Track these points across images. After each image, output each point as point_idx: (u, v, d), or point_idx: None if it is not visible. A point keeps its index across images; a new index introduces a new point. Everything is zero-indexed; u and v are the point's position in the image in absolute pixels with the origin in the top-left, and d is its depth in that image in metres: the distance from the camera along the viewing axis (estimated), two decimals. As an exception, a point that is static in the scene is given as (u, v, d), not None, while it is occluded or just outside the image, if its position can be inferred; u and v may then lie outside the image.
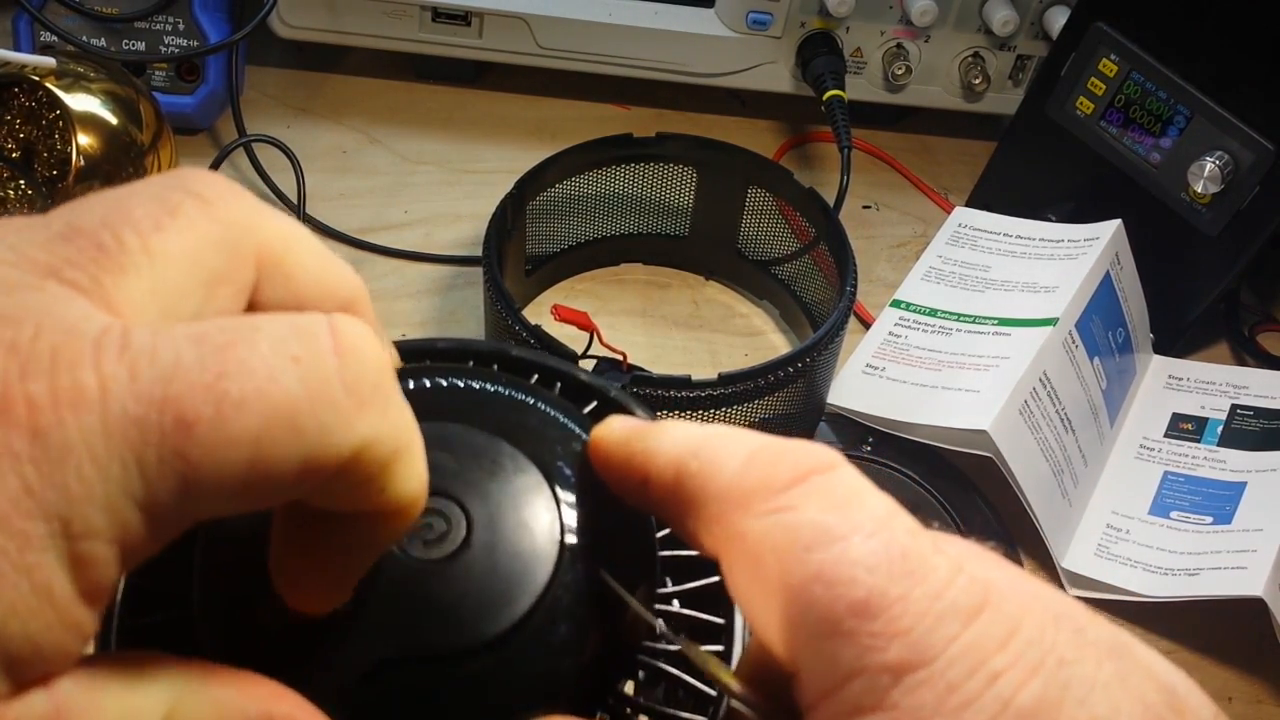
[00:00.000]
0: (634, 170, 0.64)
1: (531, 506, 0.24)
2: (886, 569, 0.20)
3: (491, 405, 0.26)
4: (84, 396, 0.17)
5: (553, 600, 0.23)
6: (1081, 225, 0.64)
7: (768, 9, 0.70)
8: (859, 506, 0.21)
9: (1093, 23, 0.65)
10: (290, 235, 0.23)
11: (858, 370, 0.61)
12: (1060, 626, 0.20)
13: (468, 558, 0.23)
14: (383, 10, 0.70)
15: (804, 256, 0.63)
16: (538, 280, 0.66)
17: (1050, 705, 0.19)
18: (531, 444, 0.25)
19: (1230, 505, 0.57)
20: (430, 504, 0.23)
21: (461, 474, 0.24)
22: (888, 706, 0.19)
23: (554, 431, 0.26)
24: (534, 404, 0.26)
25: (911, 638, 0.19)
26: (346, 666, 0.22)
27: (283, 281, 0.22)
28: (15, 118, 0.57)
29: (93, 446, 0.17)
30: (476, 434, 0.25)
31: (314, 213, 0.68)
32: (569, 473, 0.25)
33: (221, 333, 0.19)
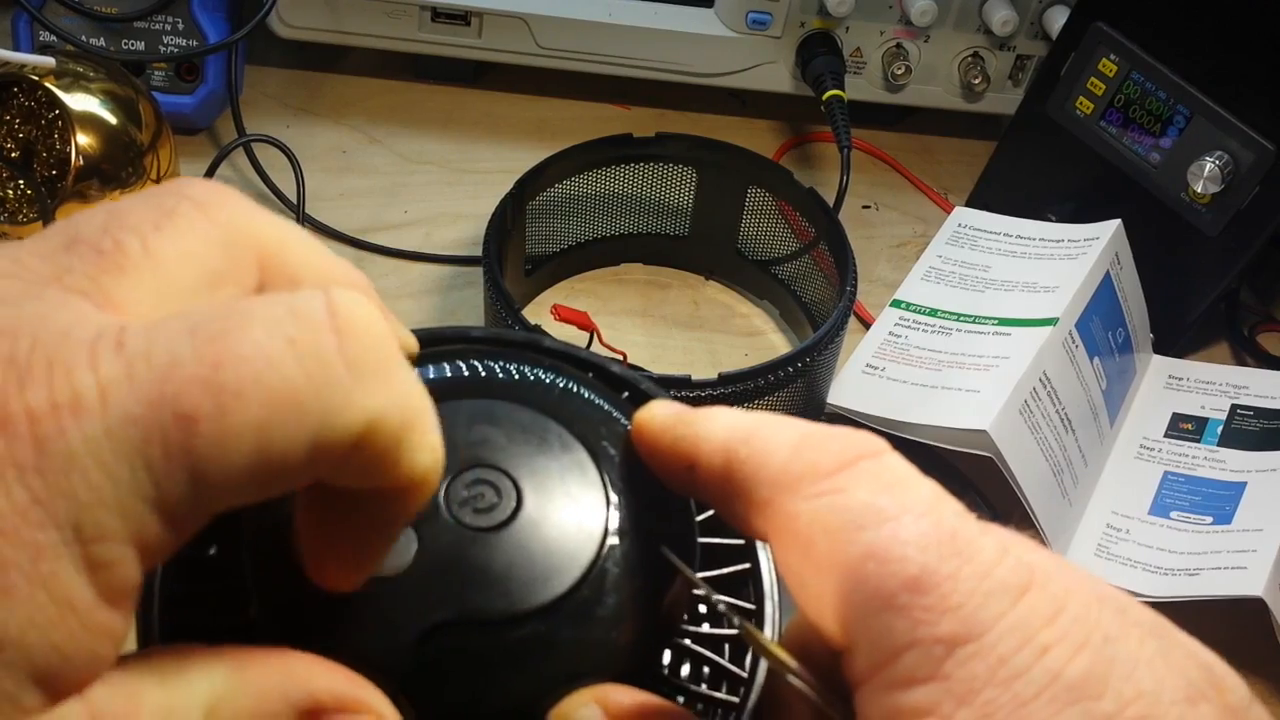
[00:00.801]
0: (634, 170, 0.64)
1: (579, 481, 0.25)
2: (936, 548, 0.21)
3: (534, 388, 0.26)
4: (83, 402, 0.17)
5: (600, 572, 0.24)
6: (1081, 225, 0.64)
7: (767, 9, 0.70)
8: (908, 489, 0.22)
9: (1092, 23, 0.65)
10: (289, 234, 0.23)
11: (858, 370, 0.61)
12: (1104, 606, 0.21)
13: (517, 527, 0.24)
14: (382, 10, 0.70)
15: (804, 256, 0.63)
16: (537, 280, 0.65)
17: (1098, 679, 0.20)
18: (577, 423, 0.25)
19: (1230, 505, 0.57)
20: (481, 475, 0.24)
21: (509, 448, 0.25)
22: (941, 677, 0.20)
23: (596, 414, 0.26)
24: (575, 389, 0.27)
25: (963, 612, 0.20)
26: (400, 629, 0.22)
27: (286, 281, 0.22)
28: (14, 117, 0.57)
29: (97, 451, 0.17)
30: (523, 410, 0.25)
31: (314, 213, 0.68)
32: (613, 452, 0.25)
33: (215, 321, 0.18)
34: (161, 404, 0.18)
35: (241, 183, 0.70)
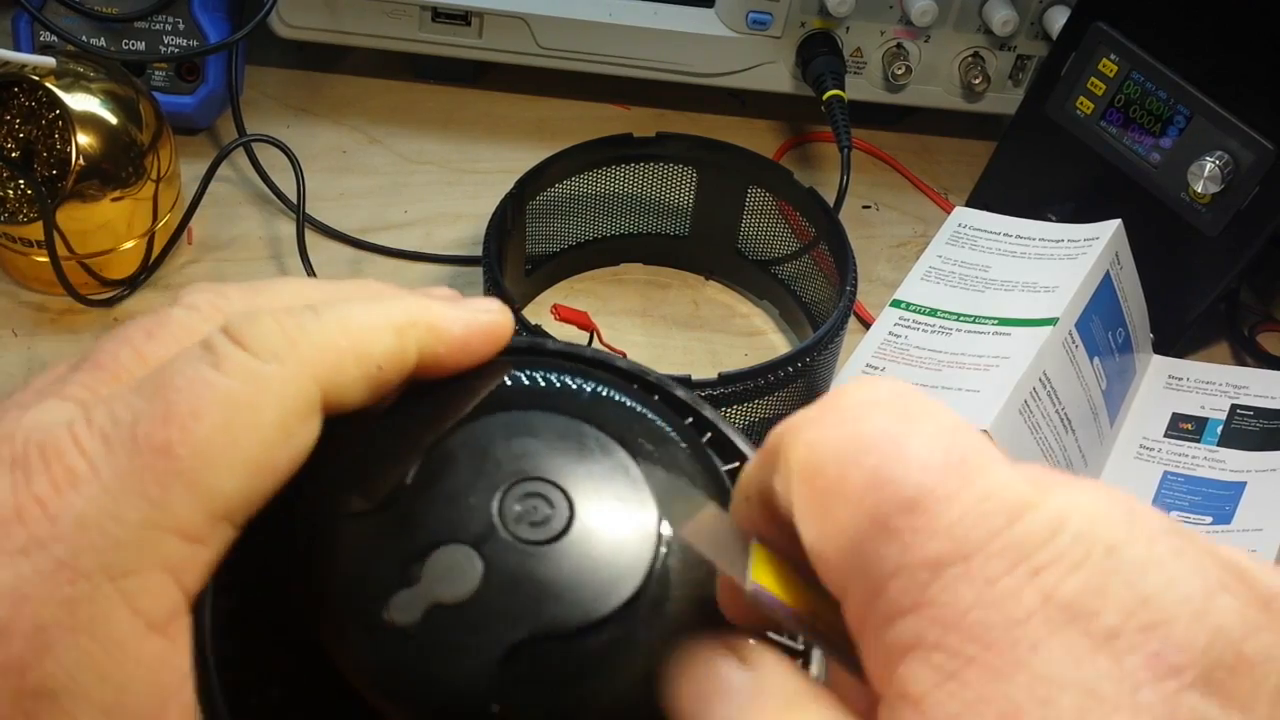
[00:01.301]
0: (634, 170, 0.64)
1: (624, 482, 0.25)
2: (942, 469, 0.19)
3: (561, 394, 0.26)
4: (78, 475, 0.21)
5: (663, 568, 0.24)
6: (1081, 225, 0.64)
7: (767, 9, 0.70)
8: (928, 417, 0.20)
9: (1093, 23, 0.65)
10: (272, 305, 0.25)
11: (858, 370, 0.61)
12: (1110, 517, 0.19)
13: (575, 535, 0.24)
14: (382, 10, 0.70)
15: (804, 256, 0.63)
16: (537, 280, 0.65)
17: (1094, 593, 0.18)
18: (610, 425, 0.26)
19: (1230, 505, 0.57)
20: (529, 488, 0.24)
21: (552, 457, 0.25)
22: (926, 604, 0.18)
23: (626, 414, 0.26)
24: (602, 391, 0.27)
25: (954, 532, 0.18)
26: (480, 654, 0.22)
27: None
28: (15, 117, 0.57)
29: (102, 506, 0.21)
30: (556, 418, 0.25)
31: (314, 212, 0.68)
32: (650, 448, 0.25)
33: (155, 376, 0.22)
34: (139, 450, 0.21)
35: (242, 182, 0.70)
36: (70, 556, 0.20)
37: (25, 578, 0.20)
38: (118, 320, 0.62)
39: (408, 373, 0.25)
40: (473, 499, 0.24)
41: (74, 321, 0.62)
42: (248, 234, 0.67)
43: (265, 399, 0.22)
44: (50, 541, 0.20)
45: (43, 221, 0.57)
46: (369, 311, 0.24)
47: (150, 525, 0.21)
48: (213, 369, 0.22)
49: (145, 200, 0.61)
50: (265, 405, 0.22)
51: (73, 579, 0.20)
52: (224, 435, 0.21)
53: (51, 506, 0.21)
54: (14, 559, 0.20)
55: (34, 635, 0.20)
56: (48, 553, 0.20)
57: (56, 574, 0.20)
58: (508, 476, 0.24)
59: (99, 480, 0.21)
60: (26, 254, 0.60)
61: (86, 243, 0.60)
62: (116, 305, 0.62)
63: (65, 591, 0.20)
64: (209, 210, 0.67)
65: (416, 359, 0.25)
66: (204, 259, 0.66)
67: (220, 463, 0.21)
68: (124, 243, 0.61)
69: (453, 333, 0.25)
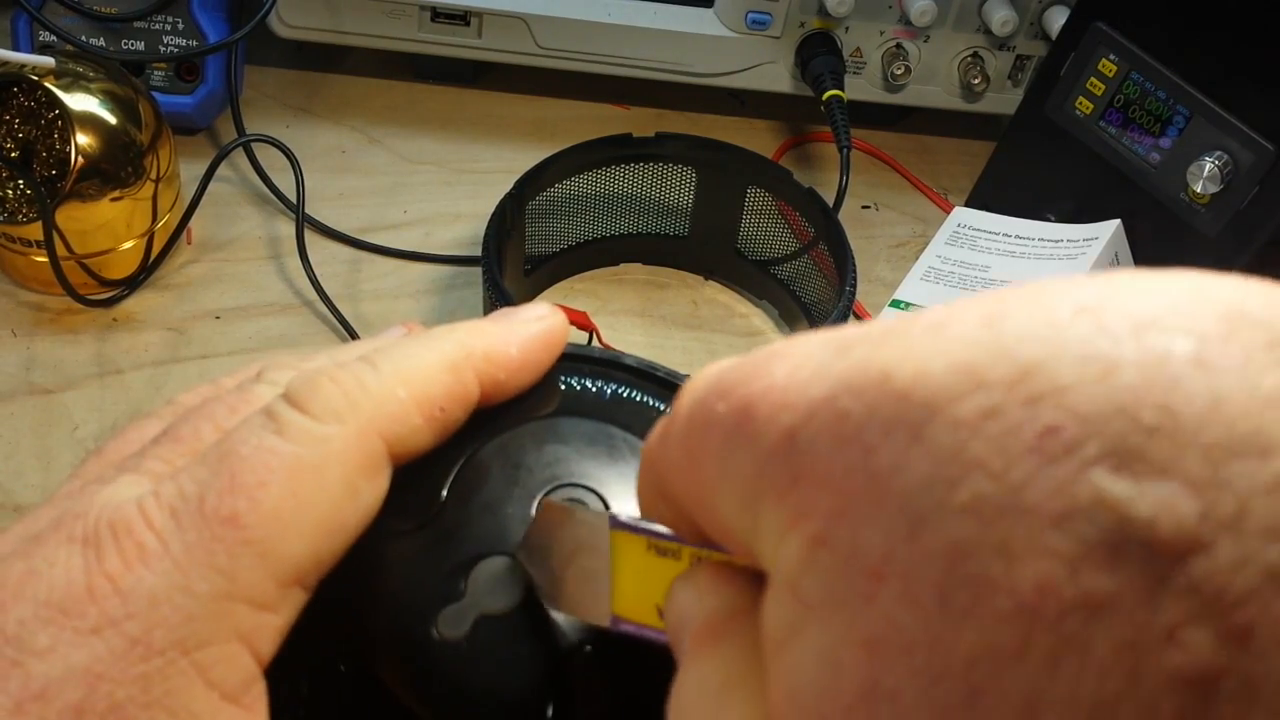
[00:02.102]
0: (633, 170, 0.64)
1: None
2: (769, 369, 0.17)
3: (582, 397, 0.27)
4: (148, 551, 0.21)
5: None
6: (1081, 225, 0.64)
7: (767, 9, 0.70)
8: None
9: (1092, 23, 0.65)
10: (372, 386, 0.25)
11: (857, 370, 0.61)
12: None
13: None
14: (382, 10, 0.70)
15: (803, 256, 0.63)
16: (537, 280, 0.65)
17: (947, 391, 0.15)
18: (636, 426, 0.26)
19: (1229, 505, 0.57)
20: (565, 494, 0.24)
21: (583, 462, 0.25)
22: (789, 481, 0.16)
23: (651, 413, 0.27)
24: (624, 392, 0.27)
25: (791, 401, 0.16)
26: (532, 661, 0.23)
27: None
28: (14, 117, 0.57)
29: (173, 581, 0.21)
30: (583, 423, 0.26)
31: (313, 212, 0.68)
32: None
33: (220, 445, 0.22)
34: (207, 522, 0.21)
35: (241, 182, 0.70)
36: (143, 633, 0.20)
37: (99, 657, 0.20)
38: (117, 320, 0.62)
39: (472, 405, 0.25)
40: (510, 508, 0.24)
41: (73, 321, 0.62)
42: (247, 234, 0.67)
43: (330, 462, 0.22)
44: (123, 619, 0.21)
45: (42, 221, 0.57)
46: (423, 355, 0.24)
47: (221, 597, 0.21)
48: (276, 435, 0.22)
49: (144, 200, 0.61)
50: (330, 468, 0.22)
51: (146, 655, 0.20)
52: (291, 502, 0.22)
53: (122, 583, 0.21)
54: (87, 638, 0.20)
55: (110, 714, 0.20)
56: (120, 630, 0.20)
57: (130, 651, 0.20)
58: (542, 484, 0.24)
59: (169, 555, 0.21)
60: (26, 254, 0.60)
61: (86, 243, 0.60)
62: (115, 305, 0.62)
63: (139, 669, 0.20)
64: (208, 210, 0.67)
65: (479, 390, 0.25)
66: (203, 259, 0.66)
67: (289, 529, 0.22)
68: (123, 243, 0.61)
69: (509, 355, 0.25)
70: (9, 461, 0.55)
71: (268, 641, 0.22)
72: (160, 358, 0.61)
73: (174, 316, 0.63)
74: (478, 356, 0.25)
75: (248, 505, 0.21)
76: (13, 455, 0.56)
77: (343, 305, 0.63)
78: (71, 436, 0.57)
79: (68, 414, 0.58)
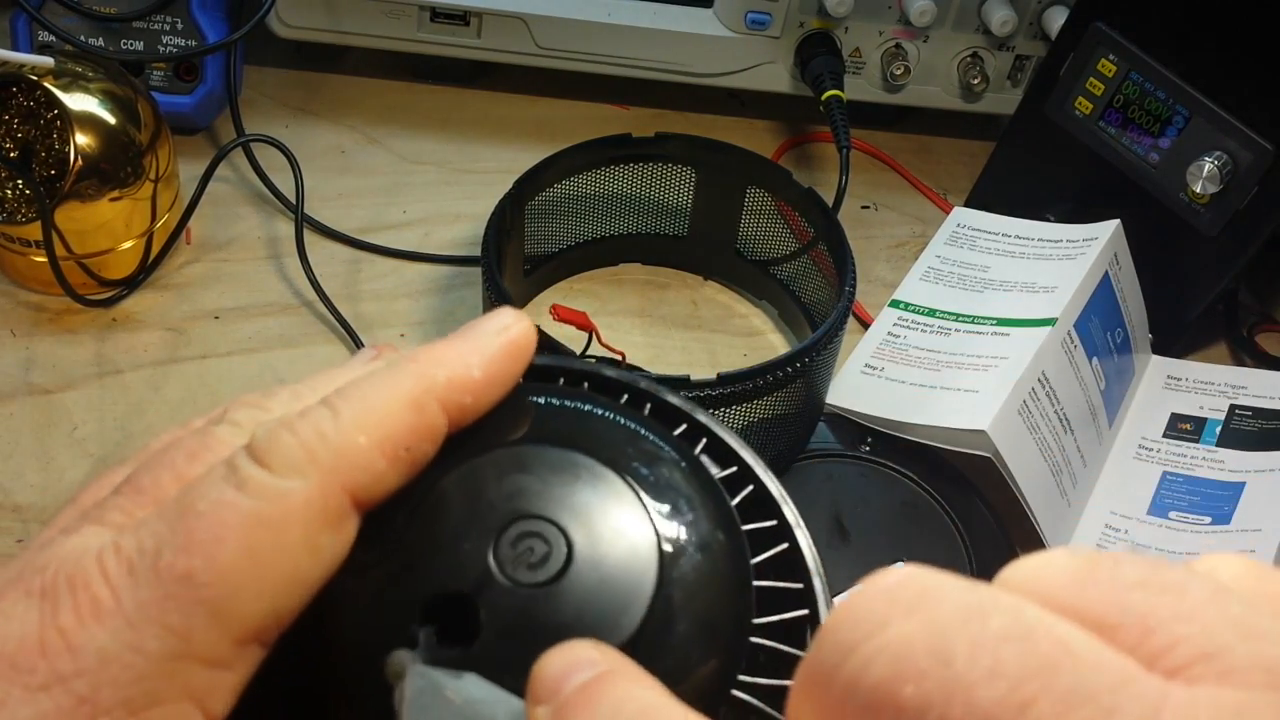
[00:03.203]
0: (633, 170, 0.64)
1: (621, 510, 0.24)
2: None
3: (553, 420, 0.26)
4: (102, 607, 0.21)
5: (666, 596, 0.23)
6: (1080, 225, 0.64)
7: (766, 9, 0.70)
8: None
9: (1091, 23, 0.65)
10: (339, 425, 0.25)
11: (856, 370, 0.61)
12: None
13: (575, 572, 0.23)
14: (381, 10, 0.70)
15: (803, 256, 0.63)
16: (536, 280, 0.65)
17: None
18: (603, 450, 0.25)
19: (1229, 505, 0.57)
20: (524, 528, 0.23)
21: (545, 492, 0.24)
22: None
23: (618, 433, 0.26)
24: (592, 410, 0.26)
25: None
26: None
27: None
28: (13, 117, 0.57)
29: (124, 639, 0.20)
30: (547, 449, 0.25)
31: (312, 212, 0.68)
32: (645, 471, 0.25)
33: (180, 499, 0.22)
34: (161, 580, 0.21)
35: (240, 182, 0.70)
36: (90, 691, 0.20)
37: (45, 714, 0.20)
38: (116, 320, 0.62)
39: (441, 437, 0.24)
40: (468, 545, 0.23)
41: (72, 321, 0.62)
42: (246, 234, 0.67)
43: (289, 518, 0.22)
44: (71, 676, 0.20)
45: (41, 221, 0.57)
46: (384, 394, 0.23)
47: (173, 656, 0.21)
48: (235, 490, 0.22)
49: (144, 200, 0.61)
50: (290, 524, 0.22)
51: (93, 714, 0.20)
52: (248, 560, 0.21)
53: (74, 639, 0.20)
54: (35, 695, 0.20)
55: None
56: (68, 688, 0.20)
57: (77, 710, 0.20)
58: (502, 518, 0.24)
59: (122, 612, 0.21)
60: (25, 254, 0.60)
61: (85, 243, 0.60)
62: (115, 305, 0.62)
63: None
64: (207, 210, 0.67)
65: (445, 421, 0.24)
66: (202, 259, 0.66)
67: (246, 588, 0.21)
68: (122, 243, 0.61)
69: (472, 378, 0.25)
70: (8, 462, 0.55)
71: (221, 700, 0.22)
72: (159, 358, 0.61)
73: (173, 317, 0.63)
74: (440, 387, 0.24)
75: (203, 563, 0.21)
76: (12, 455, 0.56)
77: (342, 305, 0.63)
78: (71, 437, 0.57)
79: (67, 414, 0.58)
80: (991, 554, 0.55)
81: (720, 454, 0.28)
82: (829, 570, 0.58)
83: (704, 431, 0.28)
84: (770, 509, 0.27)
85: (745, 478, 0.28)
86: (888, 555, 0.55)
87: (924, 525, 0.56)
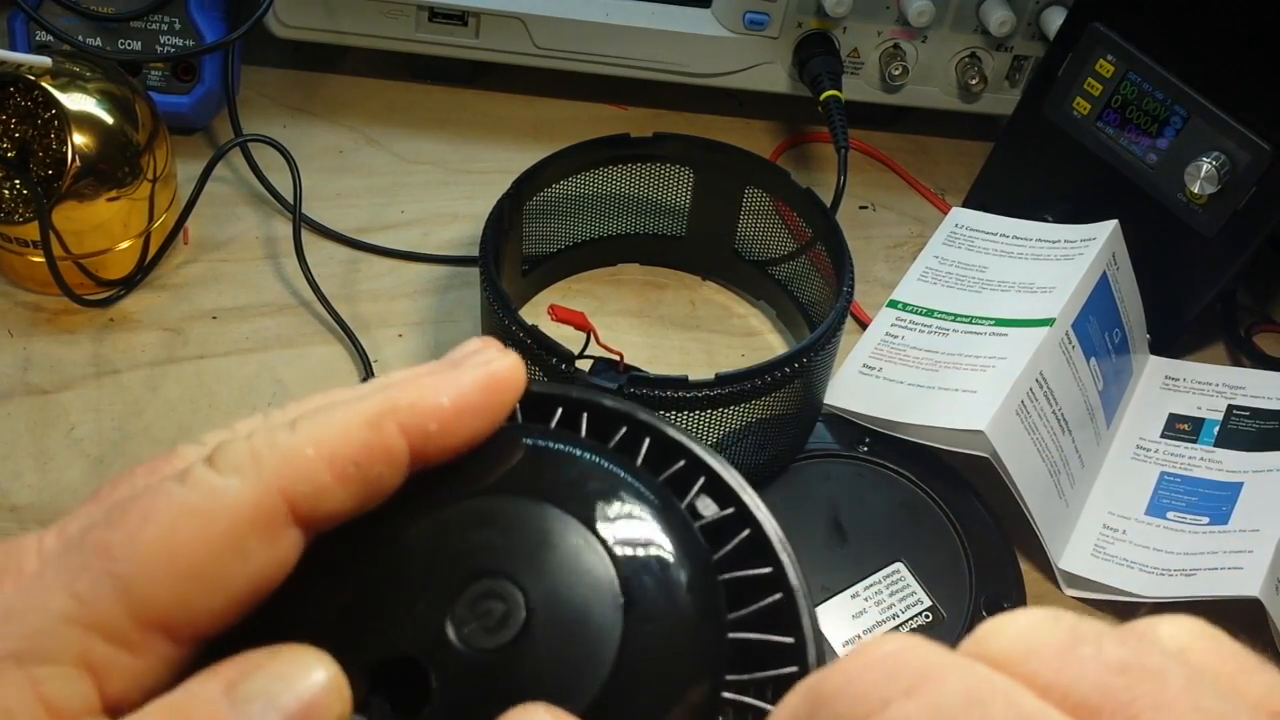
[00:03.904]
0: (631, 170, 0.64)
1: (584, 561, 0.23)
2: None
3: (538, 463, 0.25)
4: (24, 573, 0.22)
5: (631, 653, 0.22)
6: (1078, 226, 0.64)
7: (764, 9, 0.70)
8: None
9: (1090, 23, 0.65)
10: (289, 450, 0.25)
11: (855, 371, 0.61)
12: None
13: (534, 635, 0.22)
14: (379, 10, 0.70)
15: (801, 257, 0.63)
16: (534, 280, 0.65)
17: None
18: (563, 489, 0.24)
19: (1227, 506, 0.57)
20: (482, 588, 0.23)
21: (504, 547, 0.23)
22: None
23: (580, 470, 0.25)
24: (584, 456, 0.25)
25: None
26: None
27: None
28: (11, 117, 0.57)
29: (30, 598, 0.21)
30: (519, 502, 0.24)
31: (310, 212, 0.68)
32: (621, 527, 0.24)
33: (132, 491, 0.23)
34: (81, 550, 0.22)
35: (238, 182, 0.70)
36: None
37: None
38: (114, 321, 0.62)
39: (400, 462, 0.23)
40: (423, 605, 0.23)
41: (70, 322, 0.62)
42: (244, 234, 0.67)
43: (217, 512, 0.22)
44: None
45: (39, 221, 0.57)
46: (342, 411, 0.23)
47: (71, 620, 0.21)
48: (177, 484, 0.22)
49: (141, 200, 0.61)
50: (216, 518, 0.22)
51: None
52: (166, 544, 0.21)
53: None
54: None
55: None
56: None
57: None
58: (461, 577, 0.23)
59: (39, 576, 0.22)
60: (22, 254, 0.60)
61: (82, 243, 0.60)
62: (112, 305, 0.62)
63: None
64: (205, 210, 0.67)
65: (406, 444, 0.23)
66: (200, 259, 0.66)
67: (158, 571, 0.21)
68: (120, 243, 0.61)
69: (440, 404, 0.24)
70: (6, 462, 0.55)
71: (119, 681, 0.22)
72: (157, 358, 0.61)
73: (171, 317, 0.63)
74: (402, 408, 0.23)
75: (122, 539, 0.21)
76: (10, 455, 0.56)
77: (340, 305, 0.63)
78: (68, 437, 0.57)
79: (64, 414, 0.58)
80: (990, 554, 0.55)
81: (720, 491, 0.27)
82: (828, 570, 0.58)
83: (704, 467, 0.27)
84: (768, 554, 0.26)
85: (743, 519, 0.26)
86: (886, 555, 0.55)
87: (922, 525, 0.56)
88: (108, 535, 0.22)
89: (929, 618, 0.53)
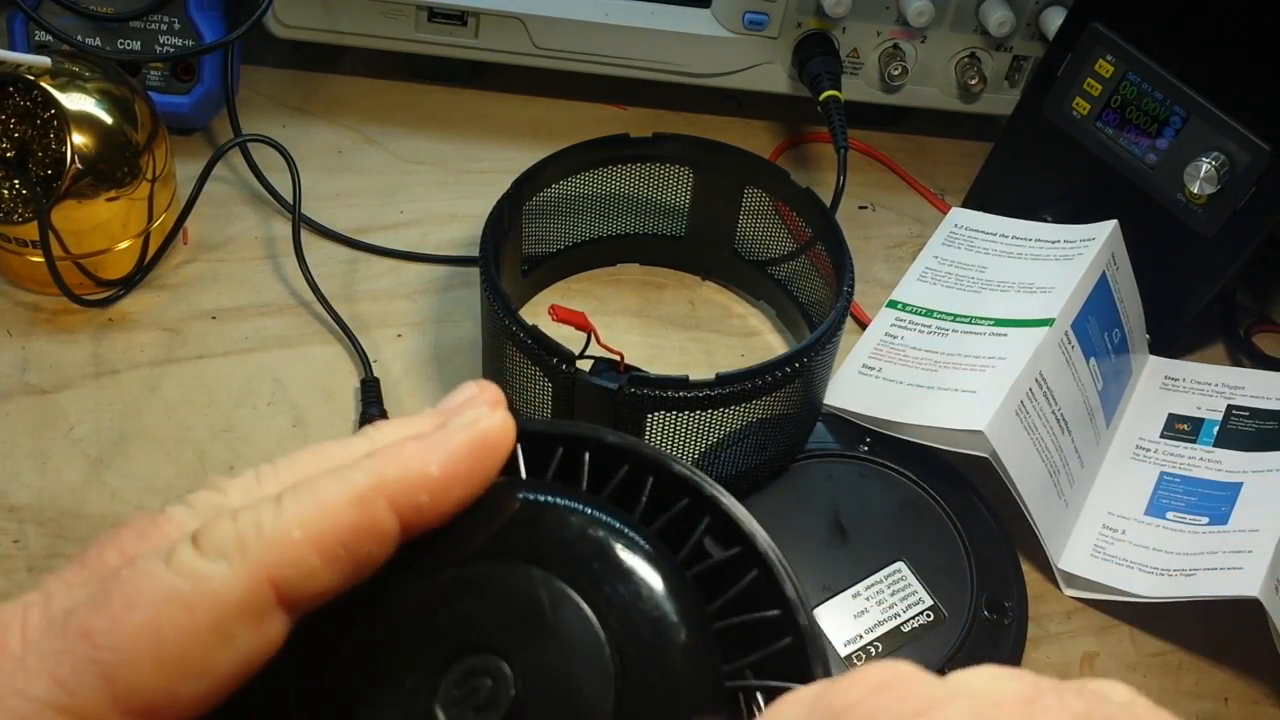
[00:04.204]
0: (631, 170, 0.64)
1: (573, 630, 0.23)
2: None
3: (528, 522, 0.24)
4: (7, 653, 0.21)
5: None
6: (1078, 226, 0.64)
7: (764, 9, 0.70)
8: None
9: (1089, 23, 0.65)
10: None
11: (854, 371, 0.61)
12: None
13: (525, 709, 0.22)
14: (379, 10, 0.70)
15: (801, 257, 0.63)
16: (534, 280, 0.65)
17: None
18: (552, 549, 0.24)
19: (1226, 506, 0.57)
20: (469, 665, 0.22)
21: (495, 620, 0.23)
22: None
23: (572, 528, 0.24)
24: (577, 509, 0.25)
25: None
26: None
27: None
28: (10, 117, 0.57)
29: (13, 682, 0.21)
30: (501, 567, 0.23)
31: (310, 212, 0.68)
32: (611, 588, 0.24)
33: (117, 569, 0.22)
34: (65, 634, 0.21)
35: (238, 182, 0.70)
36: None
37: None
38: (113, 321, 0.62)
39: (389, 538, 0.23)
40: (410, 685, 0.22)
41: (69, 322, 0.61)
42: (243, 234, 0.67)
43: (203, 600, 0.22)
44: None
45: (38, 221, 0.57)
46: (330, 488, 0.23)
47: (54, 707, 0.21)
48: (164, 566, 0.22)
49: (141, 200, 0.61)
50: (202, 606, 0.21)
51: None
52: (151, 632, 0.21)
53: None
54: None
55: None
56: None
57: None
58: (448, 654, 0.23)
59: (23, 659, 0.21)
60: (21, 254, 0.60)
61: (82, 243, 0.60)
62: (111, 305, 0.62)
63: None
64: (205, 210, 0.67)
65: (396, 519, 0.23)
66: (200, 259, 0.66)
67: (142, 658, 0.21)
68: (119, 243, 0.61)
69: (429, 474, 0.23)
70: (4, 462, 0.55)
71: None
72: (156, 358, 0.61)
73: (170, 317, 0.63)
74: (390, 484, 0.23)
75: (106, 625, 0.21)
76: (8, 456, 0.56)
77: (339, 305, 0.63)
78: (67, 437, 0.57)
79: (63, 414, 0.58)
80: (990, 554, 0.55)
81: (728, 528, 0.26)
82: (829, 569, 0.58)
83: (710, 503, 0.26)
84: (778, 596, 0.25)
85: (749, 558, 0.26)
86: (887, 555, 0.55)
87: (922, 525, 0.56)
88: (91, 620, 0.21)
89: (930, 617, 0.53)
